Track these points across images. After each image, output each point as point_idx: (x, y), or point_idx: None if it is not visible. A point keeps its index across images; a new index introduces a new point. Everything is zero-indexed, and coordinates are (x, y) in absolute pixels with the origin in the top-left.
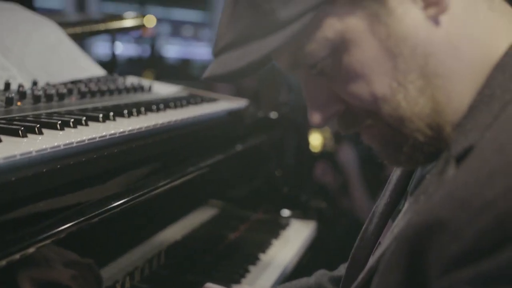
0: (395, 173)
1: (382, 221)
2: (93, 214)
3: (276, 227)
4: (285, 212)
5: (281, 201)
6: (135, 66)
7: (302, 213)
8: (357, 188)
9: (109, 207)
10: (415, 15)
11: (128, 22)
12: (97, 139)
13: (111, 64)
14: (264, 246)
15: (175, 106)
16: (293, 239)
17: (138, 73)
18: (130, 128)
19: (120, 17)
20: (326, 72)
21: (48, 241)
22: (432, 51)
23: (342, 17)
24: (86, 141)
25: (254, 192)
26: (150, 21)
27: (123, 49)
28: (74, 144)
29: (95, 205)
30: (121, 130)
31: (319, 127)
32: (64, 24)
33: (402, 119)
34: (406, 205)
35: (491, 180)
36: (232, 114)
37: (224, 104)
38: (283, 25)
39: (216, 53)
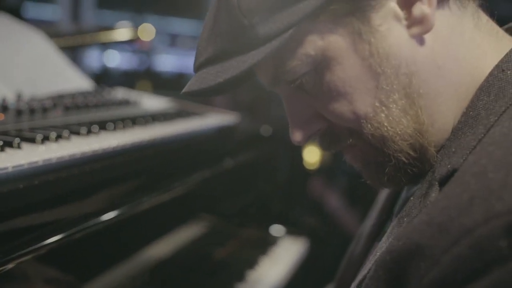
0: (382, 193)
1: (369, 243)
2: (73, 231)
3: (265, 244)
4: (276, 229)
5: (272, 218)
6: (131, 78)
7: (293, 230)
8: (349, 223)
9: (88, 224)
10: (399, 34)
11: (121, 33)
12: (79, 155)
13: (102, 76)
14: (253, 263)
15: (163, 120)
16: (283, 257)
17: (134, 86)
18: (114, 143)
19: (112, 28)
20: (307, 89)
21: (27, 257)
22: (415, 70)
23: (324, 34)
24: (67, 157)
25: (244, 209)
26: (148, 33)
27: (120, 61)
28: (54, 160)
29: (74, 222)
30: (104, 145)
31: (300, 144)
32: (54, 35)
33: (385, 139)
34: (390, 227)
35: (470, 206)
36: (222, 130)
37: (213, 120)
38: (263, 41)
39: (196, 68)
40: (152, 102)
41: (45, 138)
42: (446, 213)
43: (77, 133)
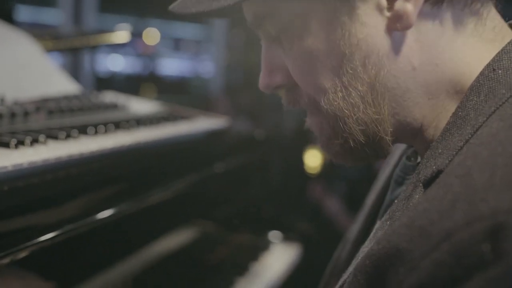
0: (370, 198)
1: (354, 247)
2: (45, 238)
3: (257, 250)
4: (268, 235)
5: (264, 223)
6: (134, 82)
7: (286, 236)
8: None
9: (64, 230)
10: (376, 24)
11: (121, 36)
12: (53, 160)
13: (106, 81)
14: (244, 270)
15: (148, 124)
16: (275, 263)
17: (137, 90)
18: (92, 147)
19: (112, 31)
20: (282, 46)
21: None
22: (387, 64)
23: (304, 2)
24: (40, 163)
25: (236, 214)
26: (152, 37)
27: (124, 65)
28: (25, 166)
29: (46, 230)
30: (82, 150)
31: (264, 91)
32: (53, 38)
33: (338, 118)
34: (373, 231)
35: (452, 208)
36: (212, 134)
37: (202, 123)
38: None
39: None
40: (140, 106)
41: (20, 143)
42: (427, 216)
43: (55, 137)
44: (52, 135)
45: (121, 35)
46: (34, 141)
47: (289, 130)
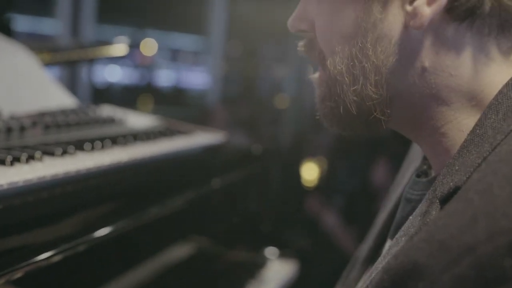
0: (381, 217)
1: (364, 267)
2: (41, 258)
3: (254, 267)
4: (265, 251)
5: (261, 239)
6: (132, 93)
7: (283, 252)
8: (345, 243)
9: (60, 250)
10: (396, 14)
11: (119, 48)
12: (49, 178)
13: (103, 91)
14: (240, 287)
15: (145, 140)
16: (272, 280)
17: (135, 101)
18: (89, 164)
19: (111, 43)
20: None
21: None
22: (397, 54)
23: None
24: (36, 180)
25: (232, 230)
26: (149, 48)
27: (121, 76)
28: (21, 184)
29: (42, 249)
30: (79, 167)
31: (290, 30)
32: (51, 50)
33: (336, 82)
34: (386, 248)
35: (473, 223)
36: (209, 149)
37: (200, 138)
38: None
39: None
40: (138, 120)
41: (16, 160)
42: (447, 231)
43: (51, 153)
44: (48, 151)
45: (119, 47)
46: (30, 157)
47: (286, 142)
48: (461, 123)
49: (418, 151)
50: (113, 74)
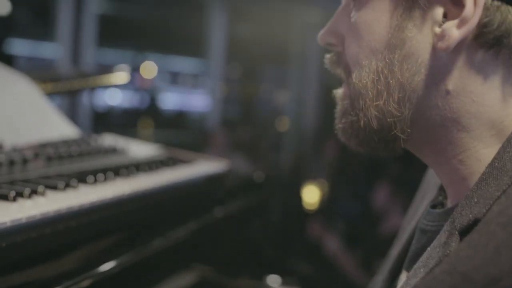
0: (395, 249)
1: None
2: None
3: None
4: (267, 279)
5: (264, 267)
6: (133, 116)
7: (286, 280)
8: (347, 267)
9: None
10: (426, 34)
11: (121, 76)
12: (52, 213)
13: (104, 115)
14: None
15: (148, 170)
16: None
17: (135, 124)
18: (92, 198)
19: (111, 72)
20: (351, 9)
21: None
22: (423, 74)
23: None
24: (39, 216)
25: (236, 258)
26: (149, 70)
27: (122, 99)
28: (24, 221)
29: (48, 286)
30: (82, 201)
31: (319, 42)
32: (52, 79)
33: (360, 96)
34: (403, 279)
35: (497, 256)
36: (212, 178)
37: (202, 168)
38: None
39: None
40: (139, 149)
41: (18, 195)
42: (471, 263)
43: (54, 187)
44: (51, 185)
45: (120, 75)
46: (33, 192)
47: (286, 164)
48: (479, 152)
49: (432, 183)
50: (113, 98)
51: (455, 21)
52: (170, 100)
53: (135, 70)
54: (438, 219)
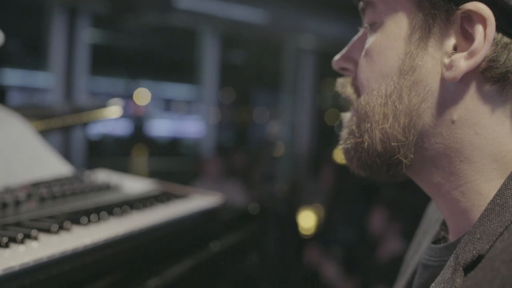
0: (399, 283)
1: None
2: None
3: None
4: None
5: None
6: (126, 144)
7: None
8: None
9: None
10: (436, 63)
11: (113, 111)
12: (45, 259)
13: (98, 143)
14: None
15: (142, 208)
16: None
17: (128, 152)
18: (86, 241)
19: (105, 106)
20: (367, 36)
21: None
22: (430, 101)
23: (399, 8)
24: (32, 263)
25: None
26: (142, 98)
27: (115, 127)
28: (17, 268)
29: None
30: (75, 244)
31: (333, 66)
32: (45, 117)
33: (366, 118)
34: None
35: None
36: (206, 213)
37: (196, 203)
38: None
39: None
40: (133, 186)
41: (11, 240)
42: None
43: (48, 230)
44: (44, 228)
45: (114, 109)
46: (26, 236)
47: (281, 190)
48: (480, 185)
49: (434, 219)
50: (106, 125)
51: (464, 53)
52: (164, 126)
53: (128, 97)
54: (440, 254)
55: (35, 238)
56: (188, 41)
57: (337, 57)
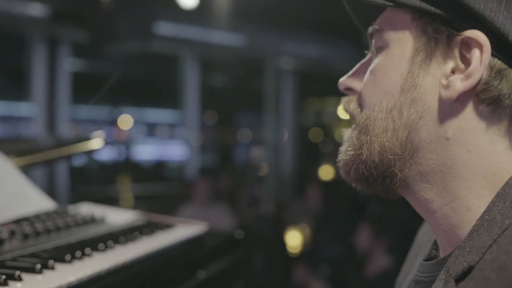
0: None
1: None
2: None
3: None
4: None
5: None
6: (109, 170)
7: None
8: None
9: None
10: (436, 83)
11: (95, 143)
12: None
13: (81, 169)
14: None
15: (126, 241)
16: None
17: (113, 178)
18: (69, 279)
19: (88, 139)
20: (372, 59)
21: None
22: (426, 119)
23: (403, 33)
24: None
25: None
26: (126, 123)
27: (98, 153)
28: None
29: None
30: (59, 284)
31: (338, 86)
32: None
33: (366, 131)
34: None
35: None
36: (192, 241)
37: (181, 232)
38: None
39: None
40: (117, 218)
41: None
42: None
43: (31, 270)
44: (26, 269)
45: (96, 142)
46: (9, 277)
47: (268, 212)
48: (470, 201)
49: (425, 241)
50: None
51: (461, 76)
52: (148, 151)
53: (111, 123)
54: (431, 269)
55: (19, 279)
56: (169, 67)
57: (343, 78)
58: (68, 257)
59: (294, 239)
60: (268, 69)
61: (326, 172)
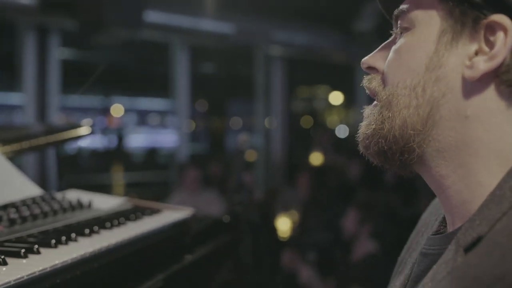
0: (398, 280)
1: None
2: None
3: None
4: None
5: None
6: (101, 158)
7: None
8: None
9: None
10: (460, 63)
11: (84, 130)
12: (12, 282)
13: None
14: None
15: (111, 226)
16: None
17: (105, 166)
18: (54, 262)
19: (78, 126)
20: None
21: None
22: (448, 97)
23: (430, 10)
24: None
25: None
26: (118, 112)
27: (90, 141)
28: None
29: None
30: (43, 266)
31: (361, 65)
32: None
33: (389, 107)
34: None
35: (502, 259)
36: (177, 225)
37: (167, 216)
38: None
39: None
40: (104, 203)
41: None
42: (478, 268)
43: (16, 255)
44: (11, 253)
45: (86, 129)
46: None
47: (257, 198)
48: (482, 178)
49: (433, 220)
50: (81, 141)
51: (484, 57)
52: (140, 139)
53: (102, 113)
54: (439, 243)
55: (3, 263)
56: (159, 55)
57: (367, 57)
58: (53, 241)
59: (283, 226)
60: (258, 56)
61: (316, 159)
